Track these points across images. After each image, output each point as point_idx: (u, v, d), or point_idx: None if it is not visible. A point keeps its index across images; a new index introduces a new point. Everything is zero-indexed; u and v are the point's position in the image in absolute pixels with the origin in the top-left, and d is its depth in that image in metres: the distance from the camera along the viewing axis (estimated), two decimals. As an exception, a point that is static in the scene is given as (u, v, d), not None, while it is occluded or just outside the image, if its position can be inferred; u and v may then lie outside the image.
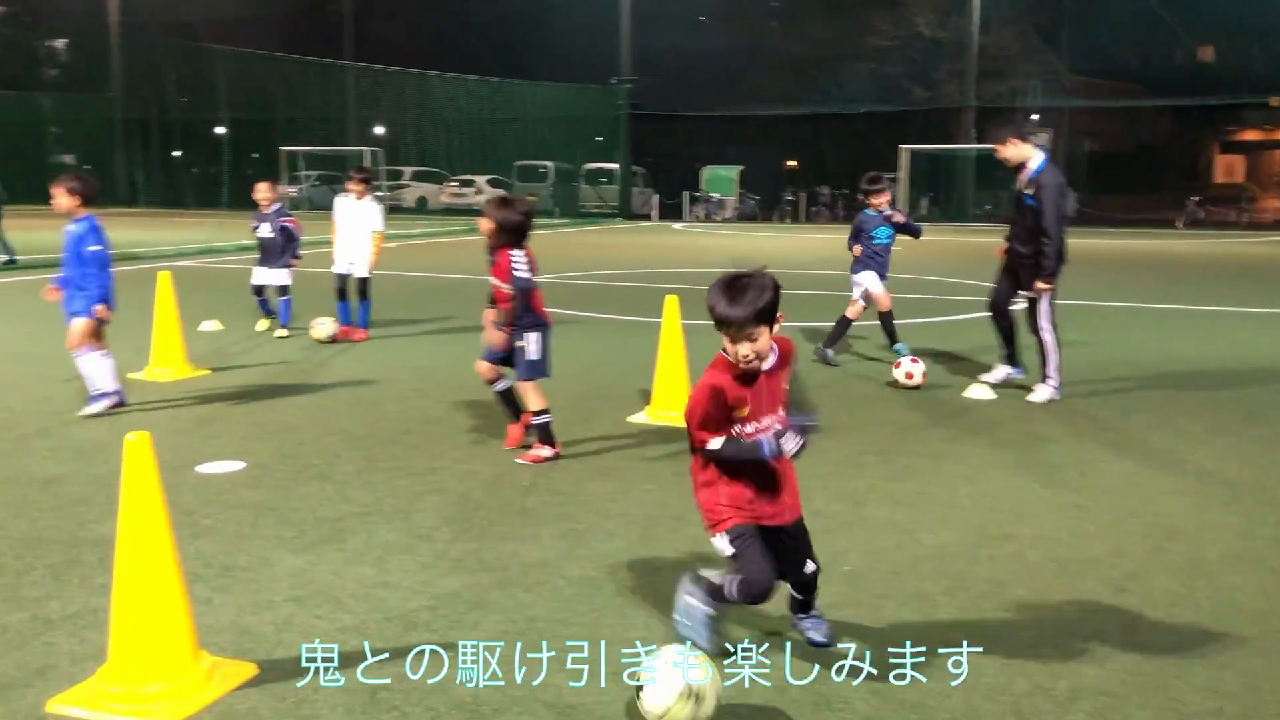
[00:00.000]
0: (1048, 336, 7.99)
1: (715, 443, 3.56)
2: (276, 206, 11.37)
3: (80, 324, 7.27)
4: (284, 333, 11.10)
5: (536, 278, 6.42)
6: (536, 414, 6.32)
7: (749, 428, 3.55)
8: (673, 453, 6.58)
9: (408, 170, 45.59)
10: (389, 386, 8.58)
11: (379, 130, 47.82)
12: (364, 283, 11.10)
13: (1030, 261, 7.96)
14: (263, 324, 11.44)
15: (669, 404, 7.36)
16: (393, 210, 42.99)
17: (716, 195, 42.67)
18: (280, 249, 11.20)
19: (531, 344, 6.30)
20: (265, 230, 11.27)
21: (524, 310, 6.31)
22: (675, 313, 7.43)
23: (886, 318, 9.68)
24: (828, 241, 29.63)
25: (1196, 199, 40.42)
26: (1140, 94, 47.37)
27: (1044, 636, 3.98)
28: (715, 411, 3.53)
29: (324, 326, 10.67)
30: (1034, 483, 5.96)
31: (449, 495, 5.68)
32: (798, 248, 27.37)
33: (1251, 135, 52.89)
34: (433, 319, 12.52)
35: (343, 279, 11.16)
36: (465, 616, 4.12)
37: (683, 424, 6.26)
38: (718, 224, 40.18)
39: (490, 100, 45.06)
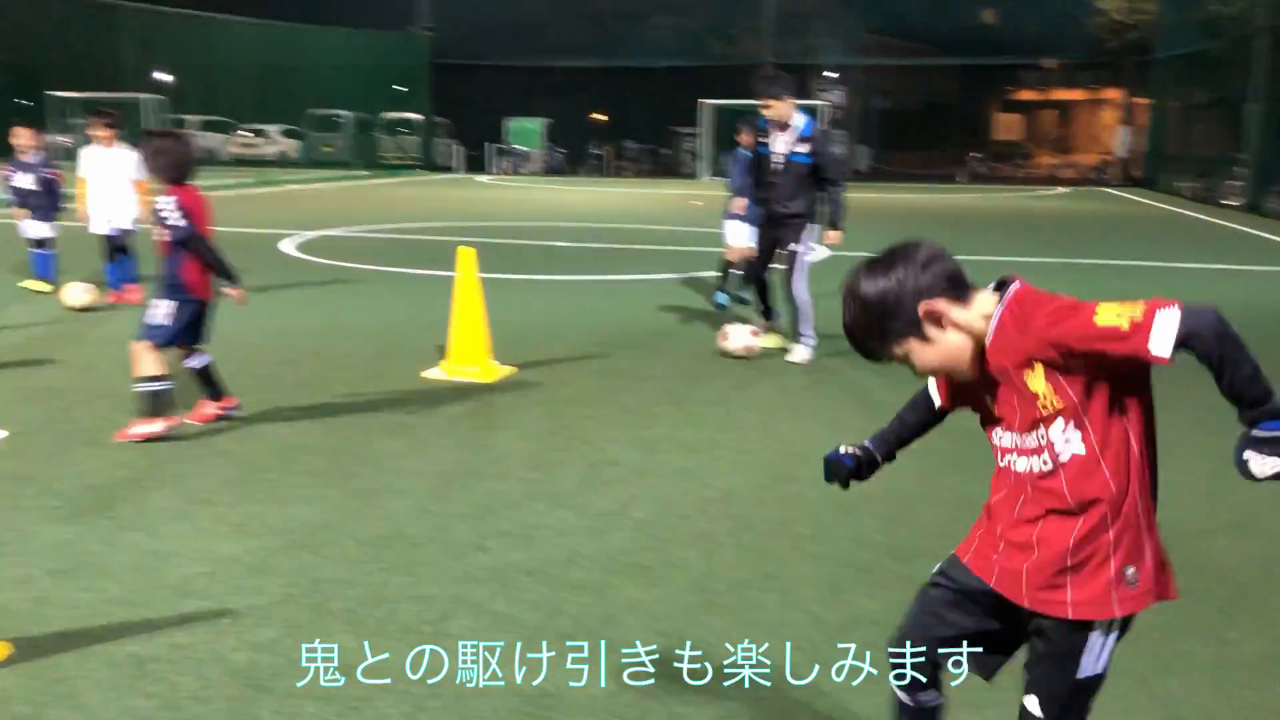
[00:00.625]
0: (804, 295, 7.92)
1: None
2: (41, 156, 10.52)
3: None
4: (46, 288, 10.36)
5: (205, 229, 5.71)
6: (144, 379, 5.62)
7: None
8: (470, 409, 6.52)
9: (194, 120, 43.13)
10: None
11: (163, 77, 44.99)
12: (125, 235, 10.02)
13: (796, 220, 7.89)
14: (38, 284, 10.53)
15: (466, 359, 7.27)
16: (178, 161, 40.65)
17: (522, 148, 42.27)
18: (44, 201, 10.36)
19: (161, 310, 5.68)
20: (26, 181, 10.36)
21: (174, 266, 5.66)
22: (471, 265, 7.32)
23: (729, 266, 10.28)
24: (635, 196, 29.88)
25: (978, 155, 42.73)
26: (930, 54, 49.53)
27: (820, 571, 4.16)
28: None
29: (77, 293, 9.54)
30: (820, 427, 6.21)
31: (230, 458, 5.45)
32: (606, 201, 27.44)
33: (1028, 95, 56.15)
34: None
35: (110, 239, 10.04)
36: (246, 582, 3.97)
37: (485, 380, 6.22)
38: (524, 177, 39.85)
39: (281, 46, 43.07)
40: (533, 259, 13.94)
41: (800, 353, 8.02)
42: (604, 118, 51.05)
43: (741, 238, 9.83)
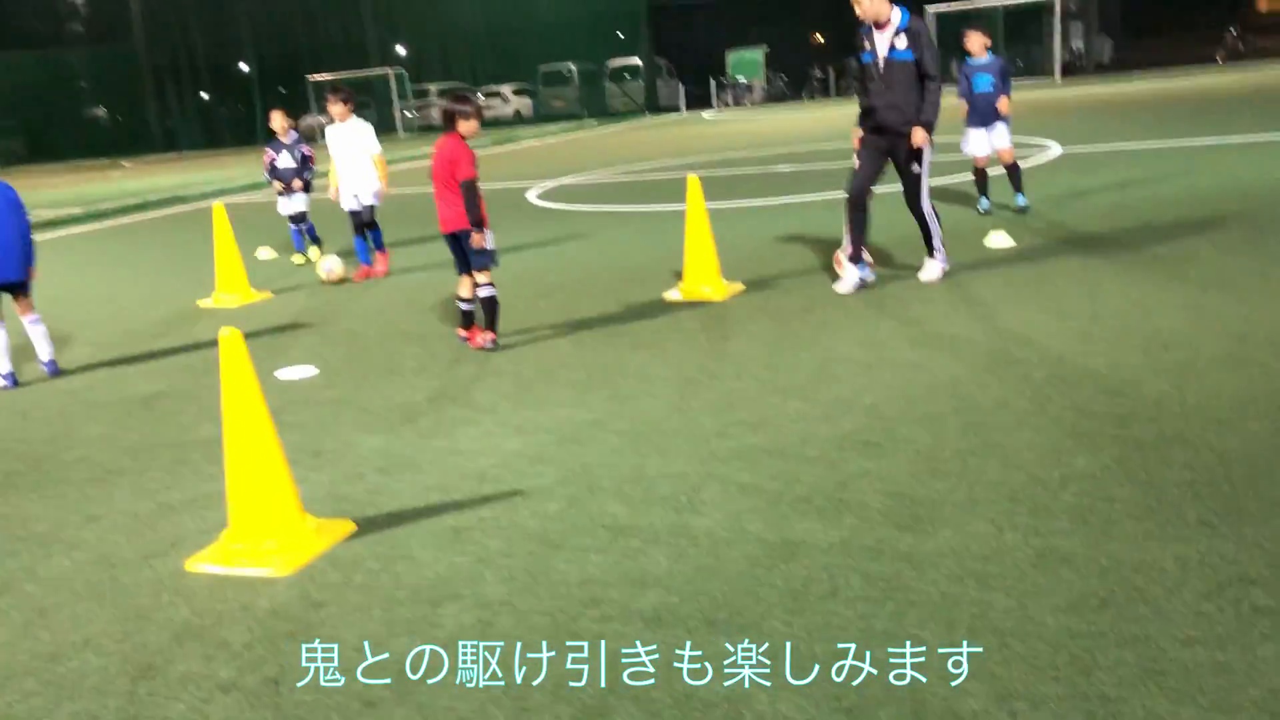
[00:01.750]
0: (929, 208, 7.46)
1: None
2: (294, 136, 11.35)
3: None
4: (301, 259, 11.27)
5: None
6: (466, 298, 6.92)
7: None
8: (706, 322, 7.07)
9: (433, 88, 45.70)
10: (436, 287, 9.12)
11: (401, 51, 47.83)
12: (370, 211, 10.01)
13: (908, 131, 7.22)
14: (300, 257, 11.48)
15: (699, 279, 7.82)
16: (424, 129, 43.29)
17: (743, 79, 42.30)
18: (300, 178, 11.21)
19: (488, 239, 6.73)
20: (286, 159, 11.24)
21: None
22: (698, 191, 7.83)
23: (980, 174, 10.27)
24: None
25: (1234, 31, 39.30)
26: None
27: (1040, 439, 4.46)
28: None
29: (331, 267, 10.05)
30: (1044, 314, 6.38)
31: (505, 376, 6.24)
32: (829, 122, 27.29)
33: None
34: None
35: (357, 215, 10.04)
36: (529, 469, 4.69)
37: (716, 298, 6.82)
38: (748, 108, 39.93)
39: (508, 7, 44.78)
40: (758, 185, 14.32)
41: (931, 269, 7.63)
42: (823, 39, 50.21)
43: (980, 144, 9.96)
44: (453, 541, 4.02)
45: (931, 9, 37.65)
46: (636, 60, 43.69)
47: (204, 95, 53.68)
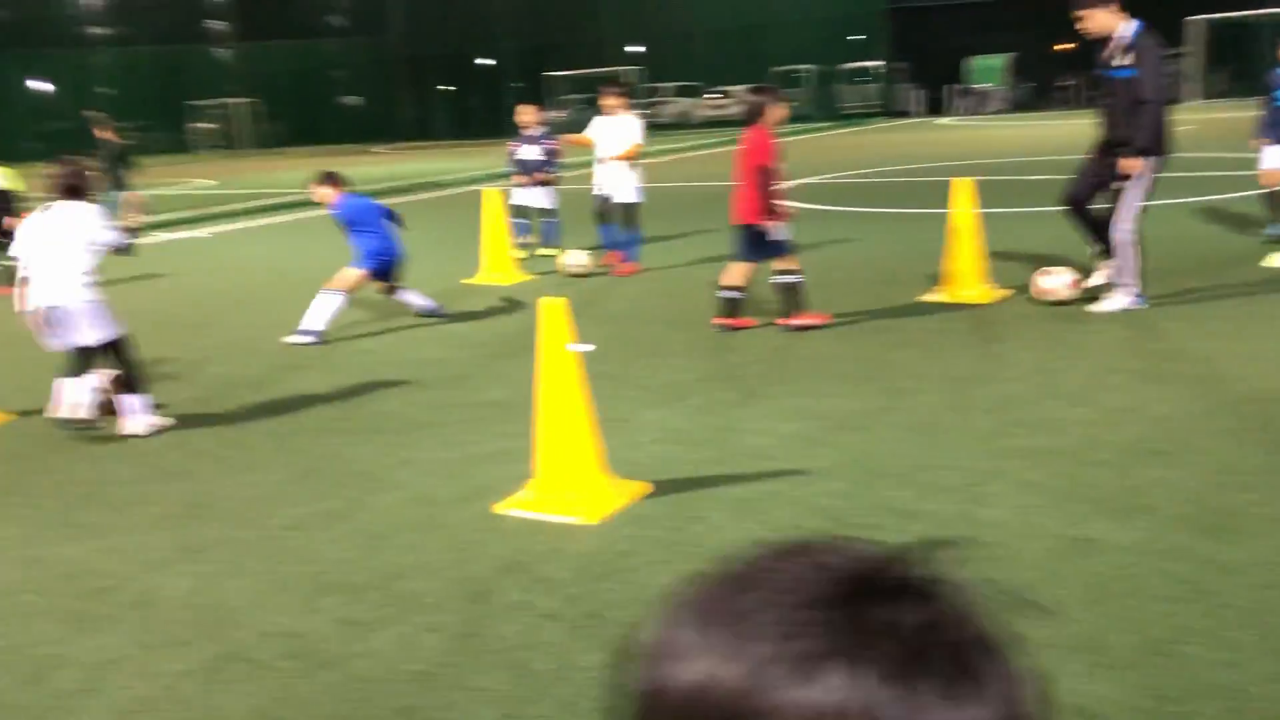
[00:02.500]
0: (1126, 236, 6.99)
1: None
2: (542, 130, 11.37)
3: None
4: (549, 251, 11.13)
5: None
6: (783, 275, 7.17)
7: None
8: (973, 324, 7.06)
9: (668, 86, 46.56)
10: (695, 278, 9.41)
11: (638, 49, 48.94)
12: (629, 209, 10.11)
13: (1122, 152, 6.89)
14: (518, 251, 10.90)
15: (964, 283, 7.79)
16: (654, 127, 44.18)
17: (984, 86, 41.11)
18: (539, 170, 11.20)
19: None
20: (531, 152, 11.25)
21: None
22: (968, 196, 7.80)
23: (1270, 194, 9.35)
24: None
25: None
26: None
27: (1352, 462, 4.29)
28: None
29: (576, 259, 10.20)
30: (1344, 339, 6.06)
31: (771, 366, 6.44)
32: (1078, 133, 26.20)
33: None
34: (704, 224, 13.28)
35: (603, 200, 10.27)
36: (807, 451, 4.86)
37: (982, 301, 6.87)
38: (986, 116, 38.81)
39: (746, 7, 45.10)
40: (1004, 192, 14.00)
41: (1115, 301, 7.12)
42: (1071, 46, 48.11)
43: (1276, 160, 9.40)
44: (742, 510, 4.24)
45: (1200, 18, 35.58)
46: (873, 63, 43.20)
47: (452, 87, 56.49)
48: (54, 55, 55.75)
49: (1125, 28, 6.92)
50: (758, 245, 7.01)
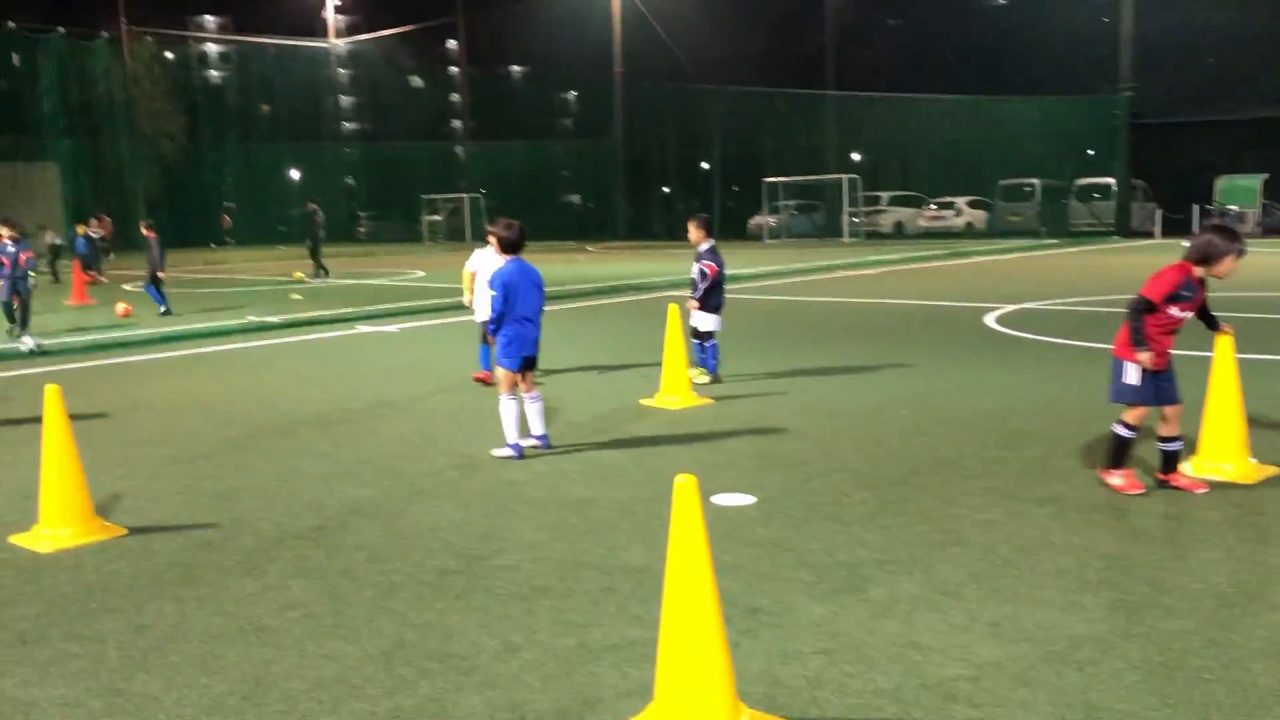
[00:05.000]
0: None
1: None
2: (703, 246, 10.21)
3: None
4: (704, 379, 10.13)
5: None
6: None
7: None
8: (1232, 514, 5.67)
9: (884, 195, 45.42)
10: (888, 420, 8.31)
11: (856, 156, 48.17)
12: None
13: None
14: (694, 372, 10.09)
15: (1219, 454, 6.38)
16: (870, 236, 43.02)
17: (1234, 208, 38.02)
18: (695, 288, 10.27)
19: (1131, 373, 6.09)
20: (693, 269, 10.34)
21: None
22: (1229, 350, 6.44)
23: None
24: (1384, 258, 25.26)
25: None
26: None
27: None
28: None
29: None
30: None
31: (971, 548, 5.27)
32: (1344, 266, 23.46)
33: None
34: (927, 348, 12.09)
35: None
36: (1011, 694, 3.70)
37: (1243, 480, 5.61)
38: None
39: (972, 119, 43.72)
40: (1271, 335, 12.18)
41: None
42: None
43: None
44: (916, 786, 3.14)
45: None
46: (1109, 180, 40.73)
47: (666, 190, 57.22)
48: (313, 148, 59.99)
49: None
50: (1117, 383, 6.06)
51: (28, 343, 13.77)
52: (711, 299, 10.25)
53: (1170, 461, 6.13)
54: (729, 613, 4.46)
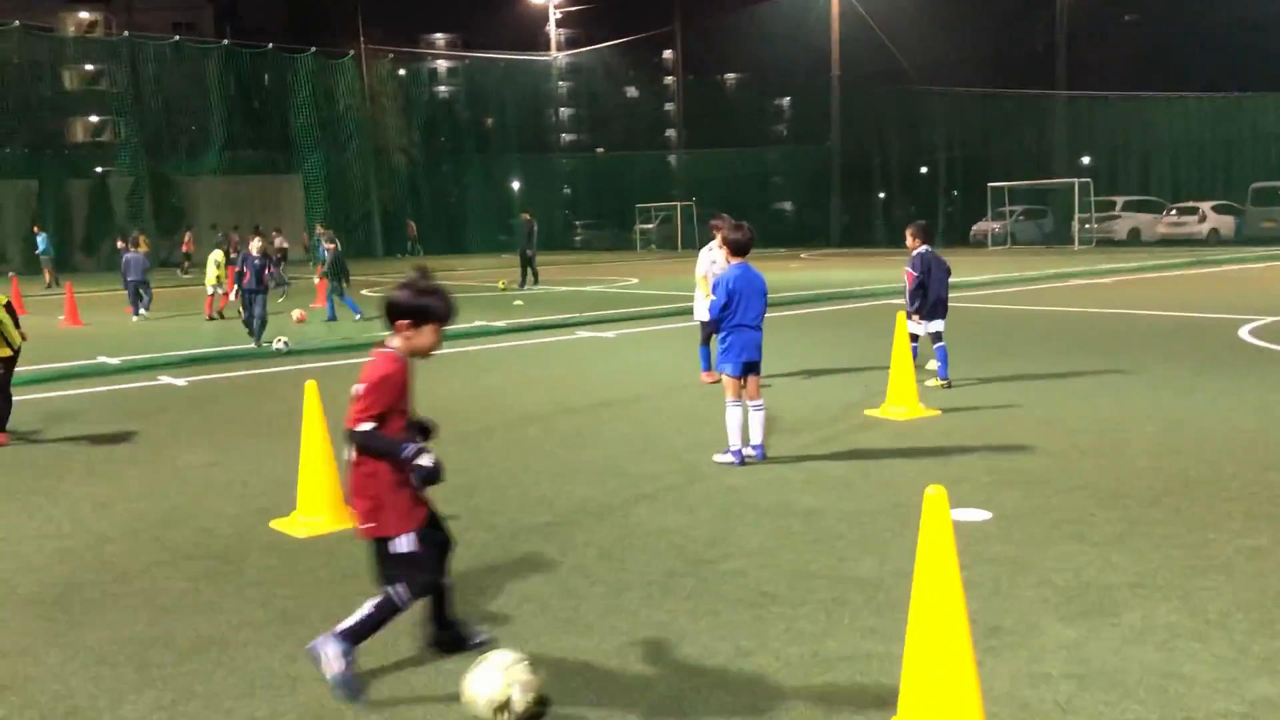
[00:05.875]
0: None
1: (367, 425, 3.80)
2: (918, 251, 10.35)
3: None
4: (936, 383, 10.21)
5: None
6: None
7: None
8: None
9: (1119, 200, 42.97)
10: (1133, 437, 7.83)
11: (1086, 160, 45.81)
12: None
13: None
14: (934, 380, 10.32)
15: None
16: (1101, 243, 40.81)
17: None
18: (911, 295, 10.35)
19: None
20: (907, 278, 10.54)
21: None
22: None
23: None
24: None
25: None
26: None
27: None
28: (395, 393, 3.89)
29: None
30: None
31: (1236, 575, 4.88)
32: None
33: None
34: (1172, 362, 11.33)
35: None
36: (1291, 736, 3.40)
37: None
38: None
39: (1218, 118, 40.79)
40: None
41: None
42: None
43: None
44: (1186, 828, 2.92)
45: None
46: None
47: (883, 195, 56.08)
48: (534, 159, 62.13)
49: None
50: None
51: (280, 344, 14.83)
52: (916, 303, 10.30)
53: None
54: (970, 630, 4.31)
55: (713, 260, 10.61)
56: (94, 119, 59.52)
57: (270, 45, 48.93)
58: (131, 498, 7.05)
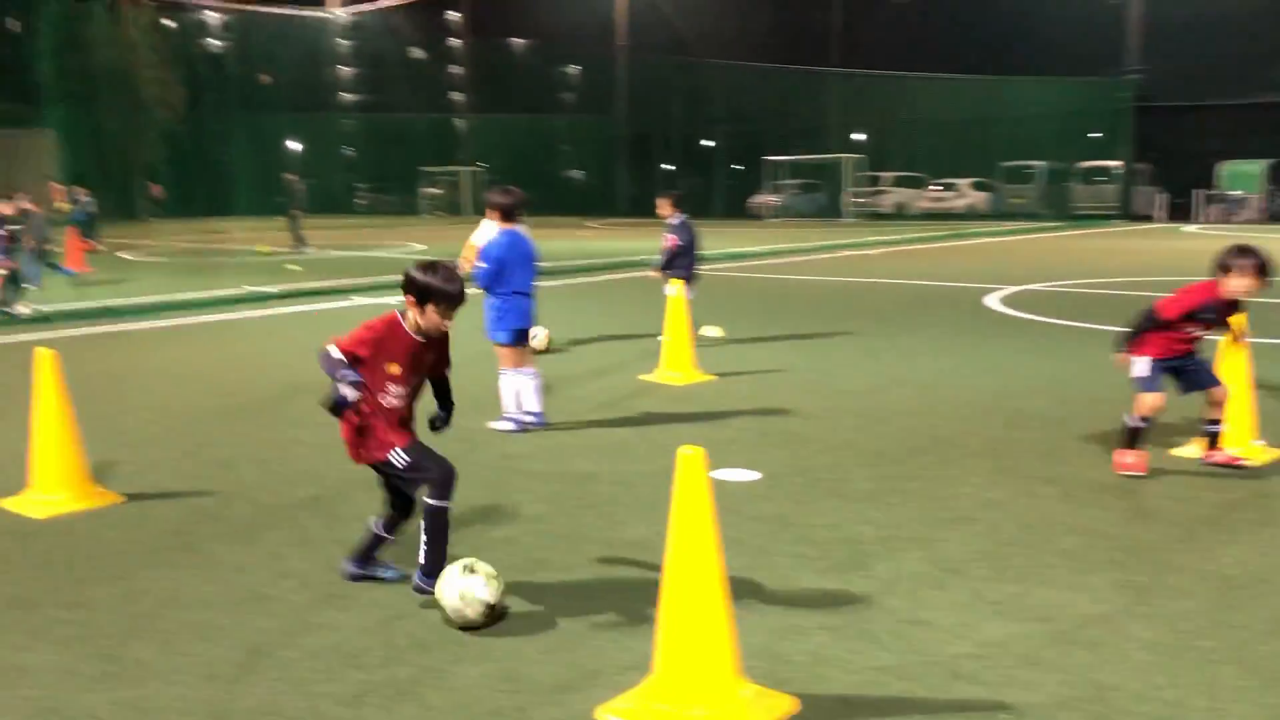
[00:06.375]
0: None
1: (335, 351, 4.21)
2: (680, 218, 10.76)
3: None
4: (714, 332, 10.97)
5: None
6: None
7: (391, 388, 4.37)
8: (1238, 496, 5.62)
9: (886, 176, 45.22)
10: (890, 399, 8.25)
11: (859, 136, 47.93)
12: None
13: None
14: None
15: (1230, 438, 6.32)
16: (869, 216, 42.88)
17: (1238, 193, 37.89)
18: (669, 263, 10.72)
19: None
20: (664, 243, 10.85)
21: None
22: (1241, 328, 6.37)
23: None
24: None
25: None
26: None
27: None
28: (381, 347, 4.28)
29: (711, 331, 11.12)
30: None
31: (976, 526, 5.22)
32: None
33: None
34: (928, 328, 12.02)
35: None
36: (1017, 673, 3.65)
37: (1247, 460, 5.76)
38: (1238, 225, 35.61)
39: (977, 100, 43.45)
40: (1270, 320, 12.12)
41: None
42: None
43: None
44: (921, 765, 3.09)
45: None
46: (1113, 163, 40.56)
47: (667, 166, 56.96)
48: (313, 119, 59.58)
49: None
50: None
51: (23, 310, 13.67)
52: (679, 267, 10.64)
53: (1212, 442, 6.10)
54: (730, 587, 4.42)
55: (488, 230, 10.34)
56: None
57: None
58: None
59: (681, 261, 10.69)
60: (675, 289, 9.40)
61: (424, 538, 4.37)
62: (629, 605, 4.30)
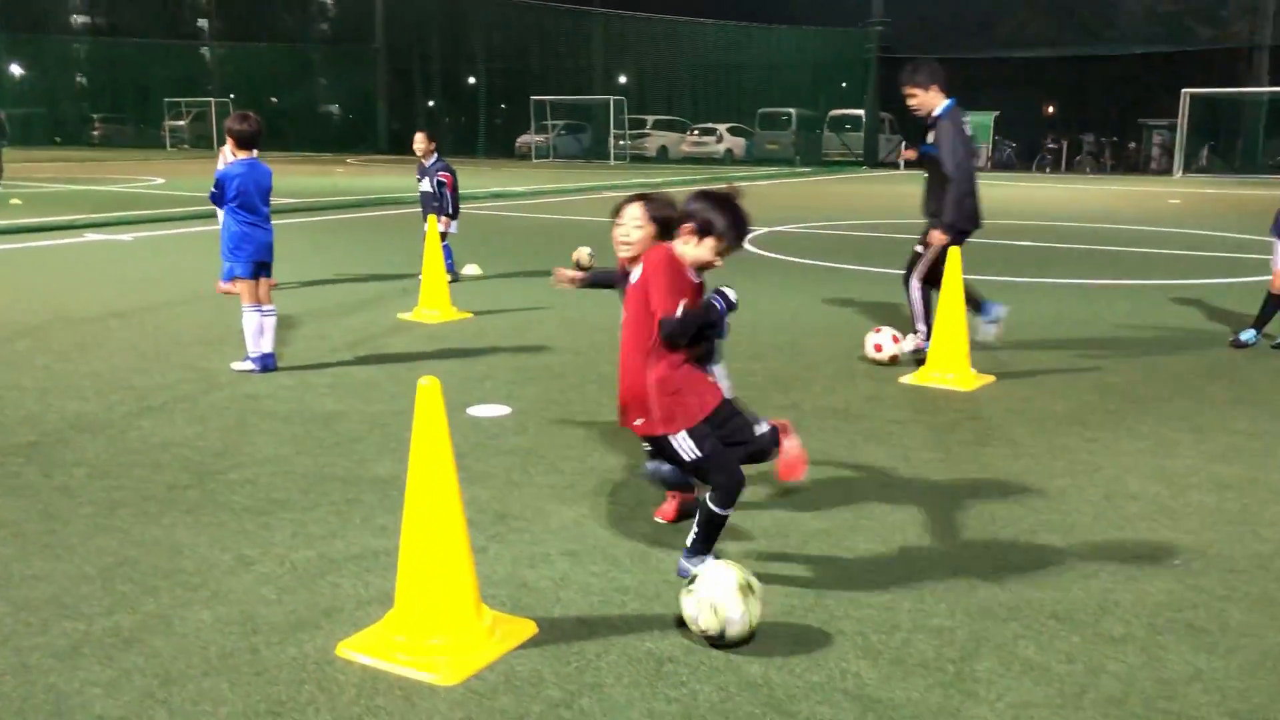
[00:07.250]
0: (915, 287, 7.44)
1: (681, 311, 3.73)
2: (434, 160, 11.07)
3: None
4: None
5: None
6: None
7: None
8: (952, 419, 6.10)
9: (649, 119, 45.81)
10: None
11: (623, 79, 48.24)
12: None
13: (931, 221, 7.30)
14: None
15: (944, 364, 6.84)
16: (634, 159, 43.38)
17: (970, 143, 40.65)
18: (435, 201, 10.92)
19: None
20: (424, 184, 11.15)
21: None
22: (958, 266, 6.87)
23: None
24: (1092, 193, 27.74)
25: None
26: None
27: None
28: (685, 284, 3.86)
29: (472, 270, 11.44)
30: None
31: (718, 452, 5.42)
32: (1062, 199, 25.63)
33: None
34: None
35: None
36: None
37: (959, 386, 5.72)
38: (969, 174, 38.26)
39: (736, 46, 44.55)
40: (997, 259, 13.14)
41: (908, 342, 7.42)
42: (1053, 110, 47.92)
43: None
44: (654, 677, 3.21)
45: (1197, 91, 35.28)
46: (859, 111, 42.61)
47: (431, 103, 55.56)
48: (37, 40, 54.38)
49: (938, 108, 7.11)
50: None
51: None
52: (452, 207, 11.00)
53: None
54: (479, 519, 4.43)
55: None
56: None
57: None
58: None
59: (455, 197, 10.97)
60: (429, 226, 9.24)
61: (696, 530, 3.86)
62: (372, 542, 4.23)
